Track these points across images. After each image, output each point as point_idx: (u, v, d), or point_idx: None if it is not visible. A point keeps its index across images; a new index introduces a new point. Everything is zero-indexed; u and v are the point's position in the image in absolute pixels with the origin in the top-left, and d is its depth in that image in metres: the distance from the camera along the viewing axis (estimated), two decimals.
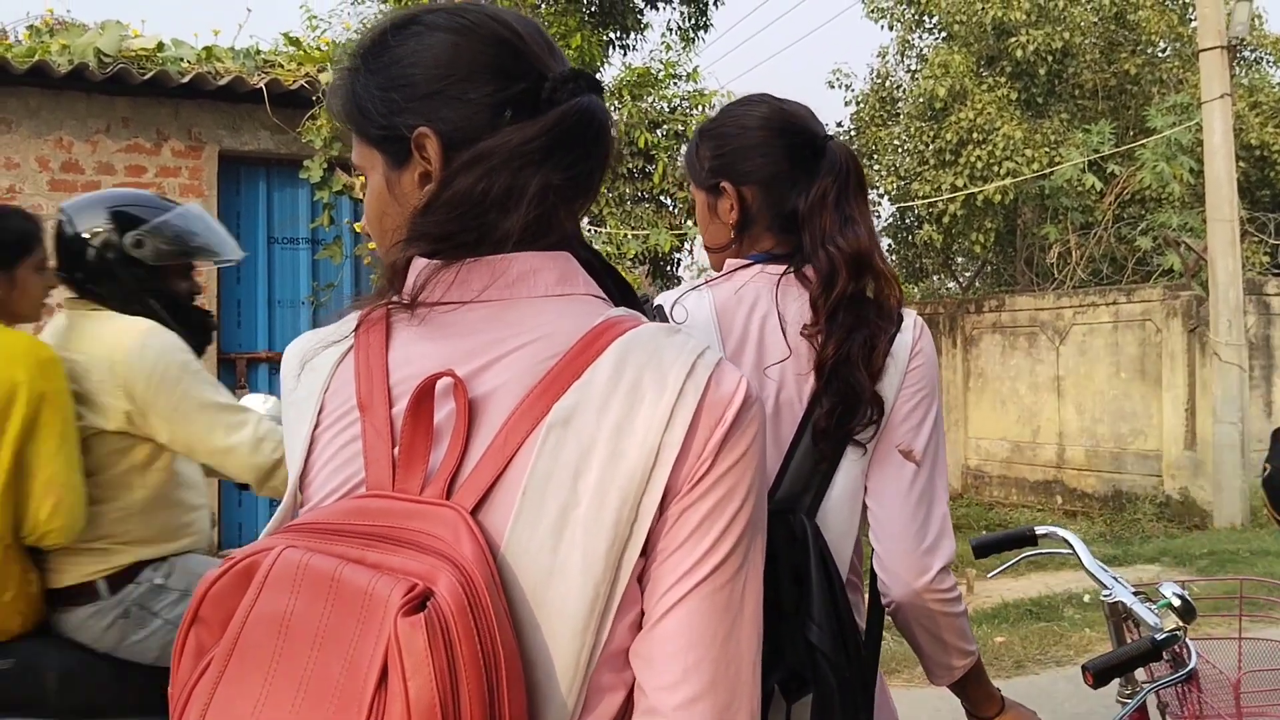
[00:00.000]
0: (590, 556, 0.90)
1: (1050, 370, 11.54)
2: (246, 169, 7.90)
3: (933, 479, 1.58)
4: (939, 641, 1.61)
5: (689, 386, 0.94)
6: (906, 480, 1.57)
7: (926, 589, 1.54)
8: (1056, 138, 14.98)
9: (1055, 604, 6.64)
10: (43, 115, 7.27)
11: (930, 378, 1.61)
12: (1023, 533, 2.41)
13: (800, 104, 1.73)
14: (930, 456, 1.58)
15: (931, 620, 1.58)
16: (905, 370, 1.59)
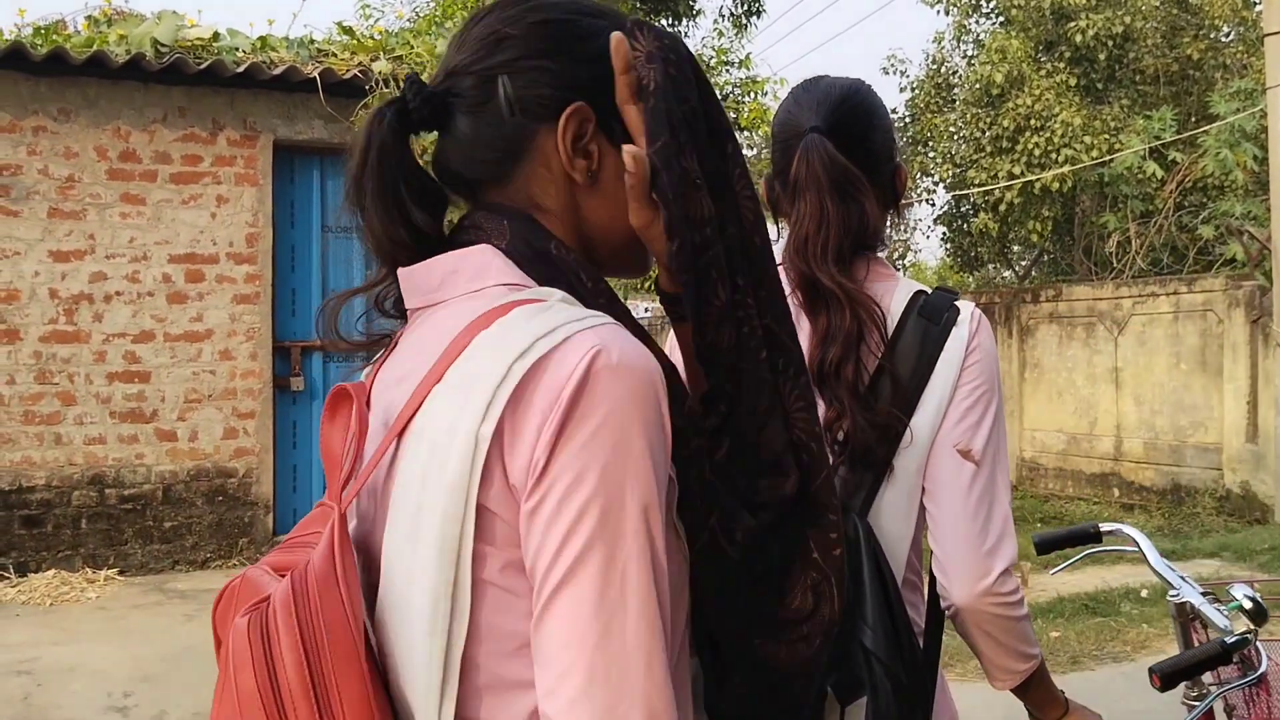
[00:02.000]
0: (427, 559, 0.89)
1: (1108, 361, 11.35)
2: (300, 158, 7.99)
3: (993, 478, 1.52)
4: (1000, 646, 1.56)
5: (514, 370, 0.88)
6: (965, 480, 1.52)
7: (987, 593, 1.50)
8: (1117, 124, 14.74)
9: (1112, 599, 6.55)
10: (101, 105, 7.39)
11: (989, 374, 1.56)
12: (1087, 529, 2.35)
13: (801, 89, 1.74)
14: (990, 455, 1.53)
15: (993, 625, 1.52)
16: (960, 367, 1.55)
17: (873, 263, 1.63)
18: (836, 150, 1.59)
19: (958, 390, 1.54)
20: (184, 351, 7.58)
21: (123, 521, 7.42)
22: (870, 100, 1.70)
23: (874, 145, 1.67)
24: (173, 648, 5.70)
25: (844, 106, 1.65)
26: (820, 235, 1.57)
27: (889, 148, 1.71)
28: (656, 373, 0.90)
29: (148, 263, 7.49)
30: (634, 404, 0.88)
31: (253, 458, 7.74)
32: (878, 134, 1.68)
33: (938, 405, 1.55)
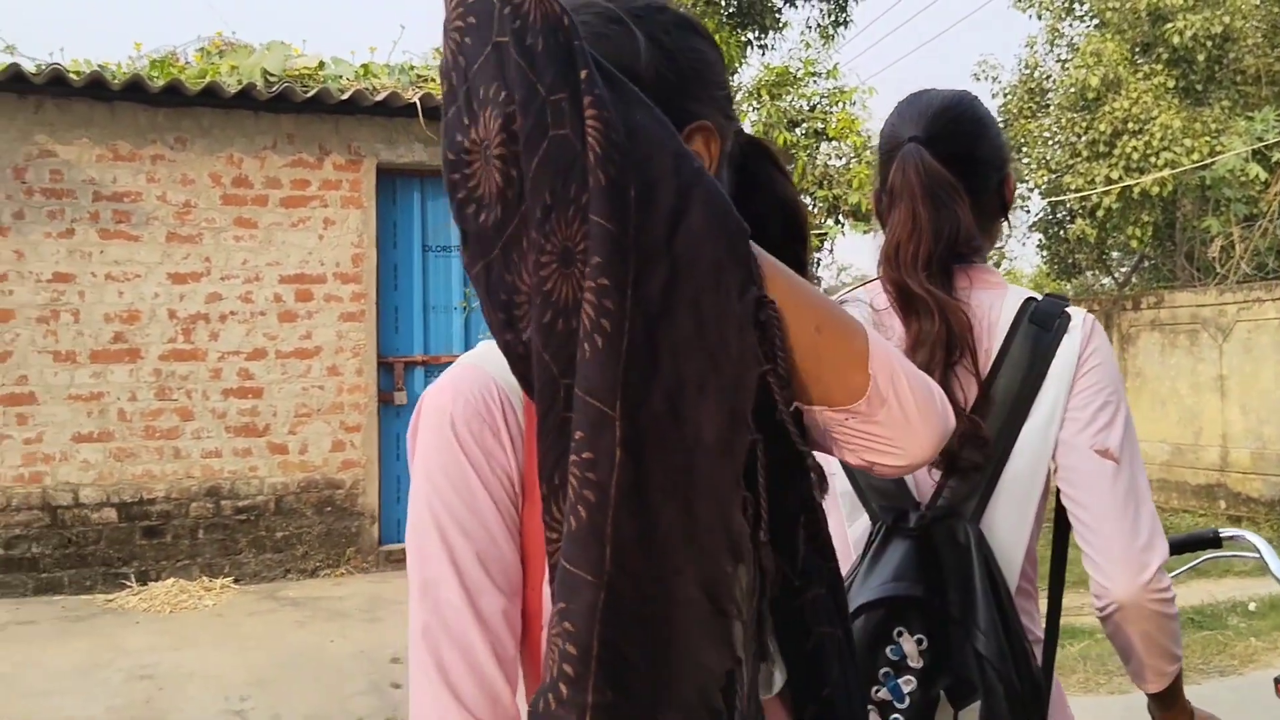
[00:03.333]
0: None
1: (1213, 369, 11.08)
2: (402, 180, 8.22)
3: (1135, 476, 1.52)
4: (1154, 645, 1.54)
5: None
6: (1109, 478, 1.51)
7: (1147, 587, 1.48)
8: (1218, 126, 14.36)
9: (1219, 612, 6.42)
10: (214, 133, 7.69)
11: (1110, 377, 1.56)
12: (1206, 534, 2.28)
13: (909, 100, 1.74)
14: (1129, 454, 1.52)
15: (1152, 621, 1.50)
16: (1075, 373, 1.55)
17: (977, 272, 1.63)
18: (935, 160, 1.60)
19: (1077, 396, 1.54)
20: (294, 368, 7.83)
21: (237, 532, 7.68)
22: (973, 110, 1.71)
23: (978, 154, 1.68)
24: (285, 653, 5.88)
25: (944, 117, 1.67)
26: (912, 243, 1.58)
27: (996, 157, 1.71)
28: (446, 407, 1.02)
29: (260, 283, 7.76)
30: (424, 436, 1.03)
31: (359, 469, 7.96)
32: (982, 143, 1.69)
33: (1049, 413, 1.55)
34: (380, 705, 5.08)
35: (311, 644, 6.08)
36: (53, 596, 7.17)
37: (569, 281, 0.88)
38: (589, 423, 0.86)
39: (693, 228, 0.89)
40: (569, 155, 0.87)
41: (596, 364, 0.86)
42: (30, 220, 7.30)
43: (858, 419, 1.00)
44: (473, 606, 0.99)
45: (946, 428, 1.04)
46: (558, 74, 0.87)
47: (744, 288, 0.92)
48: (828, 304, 1.01)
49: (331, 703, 5.10)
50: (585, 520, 0.86)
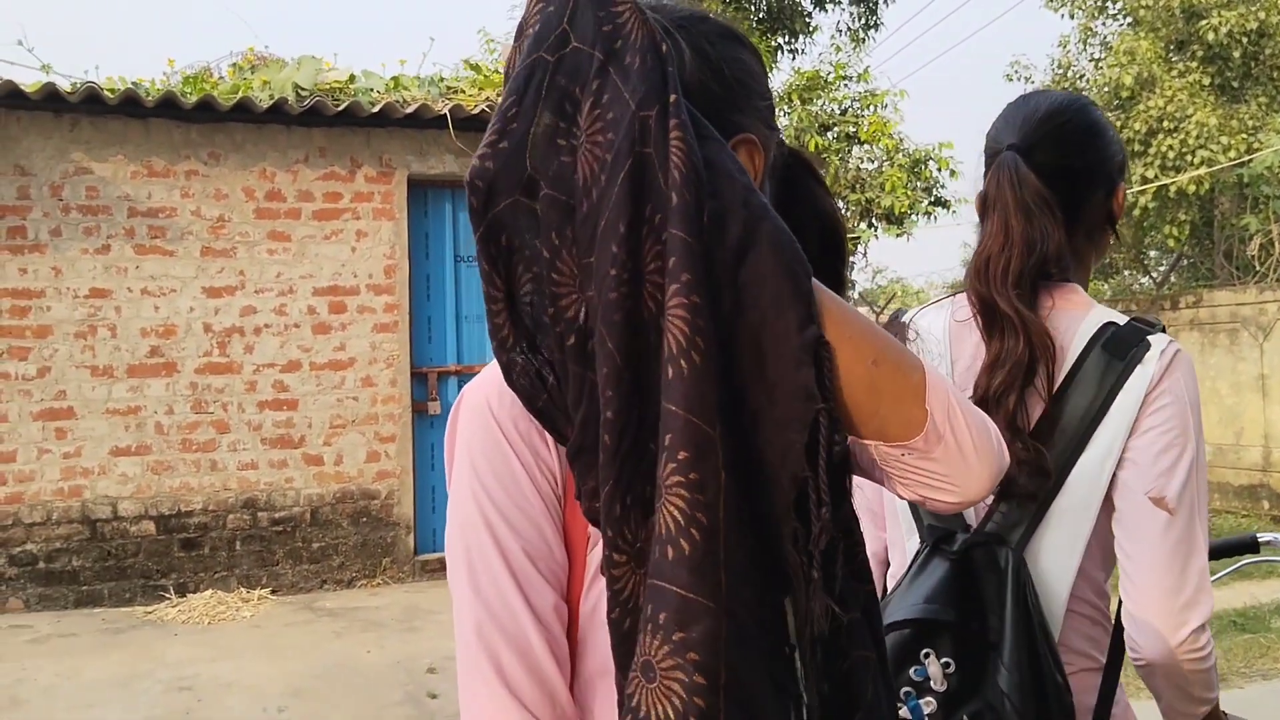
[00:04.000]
0: None
1: (1254, 368, 10.92)
2: (433, 191, 8.25)
3: (1191, 529, 1.45)
4: (1185, 695, 1.50)
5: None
6: (1159, 530, 1.45)
7: (1180, 648, 1.43)
8: (1255, 123, 14.18)
9: (1262, 615, 6.32)
10: (247, 148, 7.75)
11: (1181, 416, 1.48)
12: (1245, 539, 2.27)
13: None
14: (1188, 504, 1.45)
15: (1184, 678, 1.46)
16: (1140, 407, 1.48)
17: (1062, 292, 1.58)
18: (1034, 169, 1.55)
19: (1142, 436, 1.48)
20: (328, 380, 7.88)
21: (274, 543, 7.72)
22: (1081, 117, 1.63)
23: (1081, 165, 1.62)
24: (323, 664, 5.90)
25: (1047, 124, 1.61)
26: (1002, 256, 1.54)
27: (1103, 168, 1.64)
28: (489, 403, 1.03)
29: (294, 296, 7.82)
30: (467, 433, 1.03)
31: (394, 480, 8.00)
32: (1088, 153, 1.62)
33: (1108, 446, 1.49)
34: (417, 715, 5.09)
35: (348, 654, 6.10)
36: (93, 609, 7.25)
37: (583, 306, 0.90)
38: (693, 444, 0.85)
39: (759, 261, 0.90)
40: (650, 174, 0.88)
41: (695, 383, 0.85)
42: (67, 237, 7.39)
43: (914, 454, 0.99)
44: (528, 603, 0.99)
45: (1002, 465, 1.03)
46: (649, 92, 0.89)
47: (803, 325, 0.91)
48: (885, 338, 1.00)
49: (368, 713, 5.12)
50: (700, 544, 0.84)
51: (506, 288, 0.95)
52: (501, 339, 0.96)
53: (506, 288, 0.95)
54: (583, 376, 0.91)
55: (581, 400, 0.91)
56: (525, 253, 0.94)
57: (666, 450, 0.85)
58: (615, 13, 0.92)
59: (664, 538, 0.85)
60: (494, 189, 0.93)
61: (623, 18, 0.92)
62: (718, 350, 0.87)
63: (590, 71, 0.91)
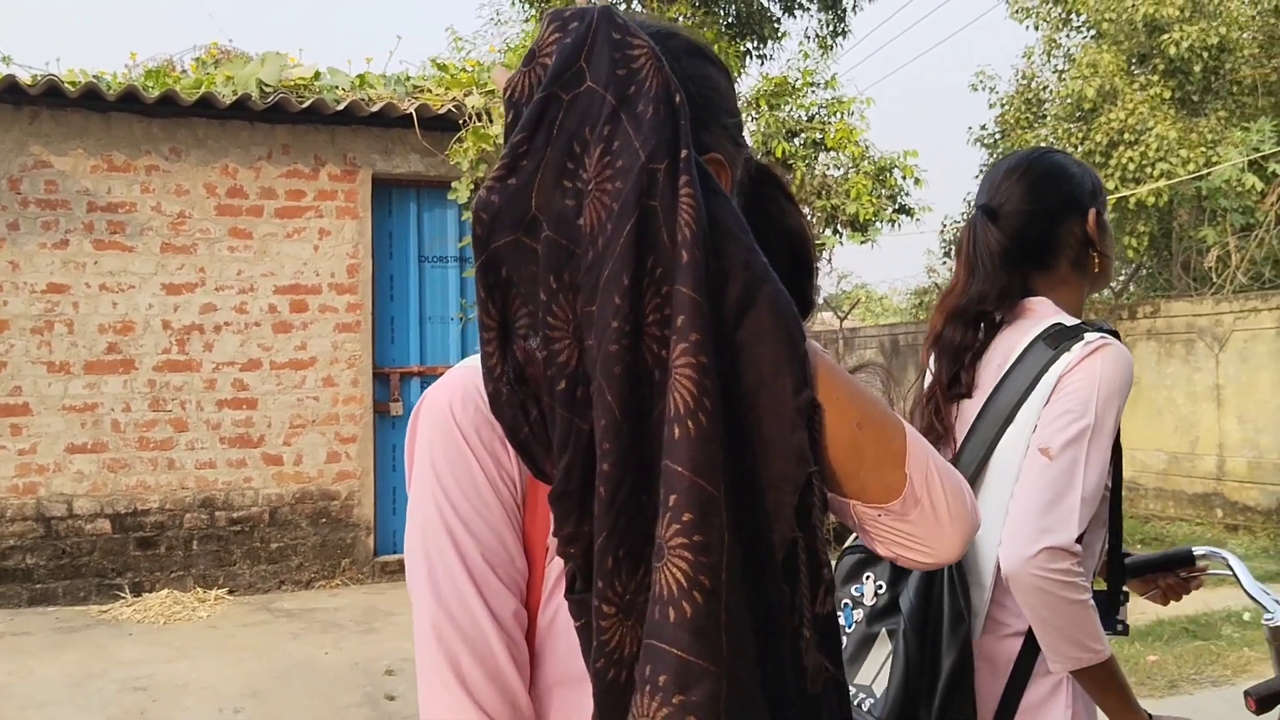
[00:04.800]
0: None
1: (1209, 379, 11.08)
2: (398, 191, 8.22)
3: (1069, 476, 1.64)
4: (1047, 624, 1.63)
5: None
6: (1038, 470, 1.66)
7: (1032, 560, 1.59)
8: (1214, 136, 14.38)
9: (1213, 622, 6.41)
10: (209, 145, 7.69)
11: (1087, 392, 1.69)
12: (1180, 553, 2.31)
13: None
14: (1069, 457, 1.65)
15: (1036, 597, 1.61)
16: (1054, 386, 1.72)
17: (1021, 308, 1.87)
18: (1005, 219, 1.88)
19: (1050, 407, 1.71)
20: (289, 379, 7.83)
21: (231, 543, 7.66)
22: (1038, 165, 1.91)
23: (1044, 205, 1.88)
24: (280, 665, 5.86)
25: (1009, 178, 1.91)
26: (951, 296, 1.91)
27: (1069, 200, 1.89)
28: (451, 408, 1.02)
29: (254, 294, 7.76)
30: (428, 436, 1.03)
31: (354, 481, 7.95)
32: (1049, 193, 1.89)
33: (1028, 418, 1.73)
34: (375, 717, 5.06)
35: (306, 655, 6.06)
36: (47, 608, 7.16)
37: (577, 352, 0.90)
38: (698, 505, 0.85)
39: (757, 322, 0.92)
40: (655, 228, 0.88)
41: (703, 444, 0.86)
42: (25, 231, 7.30)
43: (890, 516, 1.02)
44: (488, 608, 0.99)
45: (974, 527, 1.05)
46: (660, 144, 0.89)
47: (799, 388, 0.93)
48: (870, 400, 1.02)
49: (325, 714, 5.08)
50: (703, 606, 0.84)
51: (501, 318, 0.95)
52: (490, 367, 0.96)
53: (501, 318, 0.95)
54: (570, 422, 0.91)
55: (568, 446, 0.91)
56: (523, 289, 0.94)
57: (670, 510, 0.85)
58: (631, 55, 0.92)
59: (665, 599, 0.85)
60: (497, 224, 0.93)
61: (638, 61, 0.92)
62: (723, 411, 0.88)
63: (602, 116, 0.91)
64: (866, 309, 30.18)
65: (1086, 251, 1.90)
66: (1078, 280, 1.91)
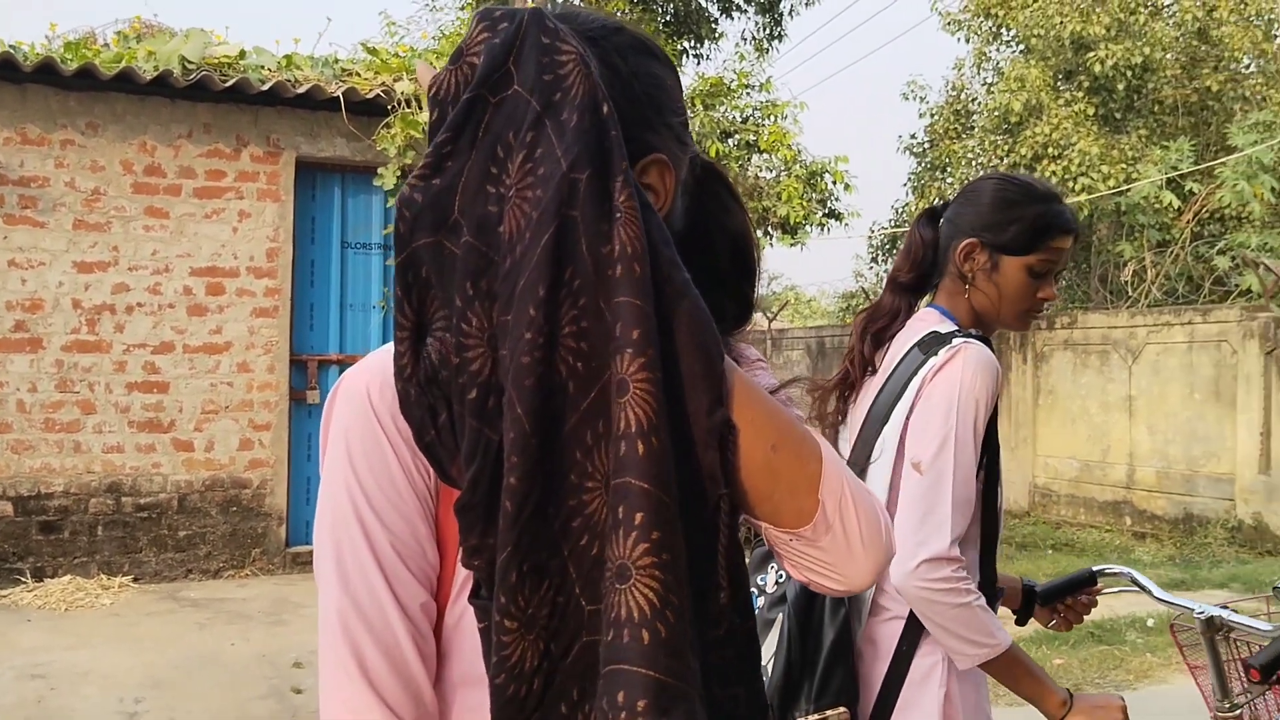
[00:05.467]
0: None
1: (1122, 389, 11.33)
2: (323, 175, 8.10)
3: (937, 486, 1.78)
4: (940, 628, 1.77)
5: None
6: (911, 485, 1.80)
7: (914, 574, 1.73)
8: (1134, 154, 14.74)
9: (1117, 627, 6.54)
10: (128, 120, 7.51)
11: (948, 399, 1.81)
12: (1084, 575, 2.36)
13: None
14: (937, 469, 1.78)
15: (925, 606, 1.75)
16: (919, 388, 1.86)
17: (914, 317, 2.02)
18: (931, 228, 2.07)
19: (916, 414, 1.85)
20: (202, 363, 7.67)
21: (138, 530, 7.49)
22: (974, 184, 2.06)
23: (950, 217, 2.04)
24: (184, 655, 5.75)
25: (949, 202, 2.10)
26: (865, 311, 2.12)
27: (962, 222, 2.00)
28: (369, 393, 1.00)
29: (169, 275, 7.59)
30: (344, 421, 1.00)
31: (267, 469, 7.82)
32: (956, 208, 2.03)
33: (900, 417, 1.88)
34: (280, 710, 4.97)
35: (211, 646, 5.95)
36: None
37: (490, 362, 0.88)
38: (665, 522, 0.85)
39: (676, 340, 0.90)
40: (574, 238, 0.86)
41: (661, 460, 0.85)
42: None
43: (802, 541, 0.99)
44: (396, 599, 0.97)
45: (888, 556, 1.04)
46: (583, 153, 0.88)
47: (713, 408, 0.91)
48: (787, 421, 0.99)
49: (230, 707, 4.99)
50: (675, 626, 0.84)
51: (416, 318, 0.93)
52: (401, 367, 0.94)
53: (416, 318, 0.93)
54: (480, 432, 0.88)
55: (475, 457, 0.89)
56: (441, 292, 0.92)
57: (637, 528, 0.84)
58: (559, 61, 0.90)
59: (636, 621, 0.83)
60: (419, 223, 0.91)
61: (565, 68, 0.90)
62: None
63: (526, 121, 0.89)
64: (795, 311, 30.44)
65: (954, 277, 2.00)
66: (964, 295, 1.99)
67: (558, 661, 0.88)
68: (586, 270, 0.87)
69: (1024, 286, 1.95)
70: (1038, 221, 1.93)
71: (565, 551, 0.87)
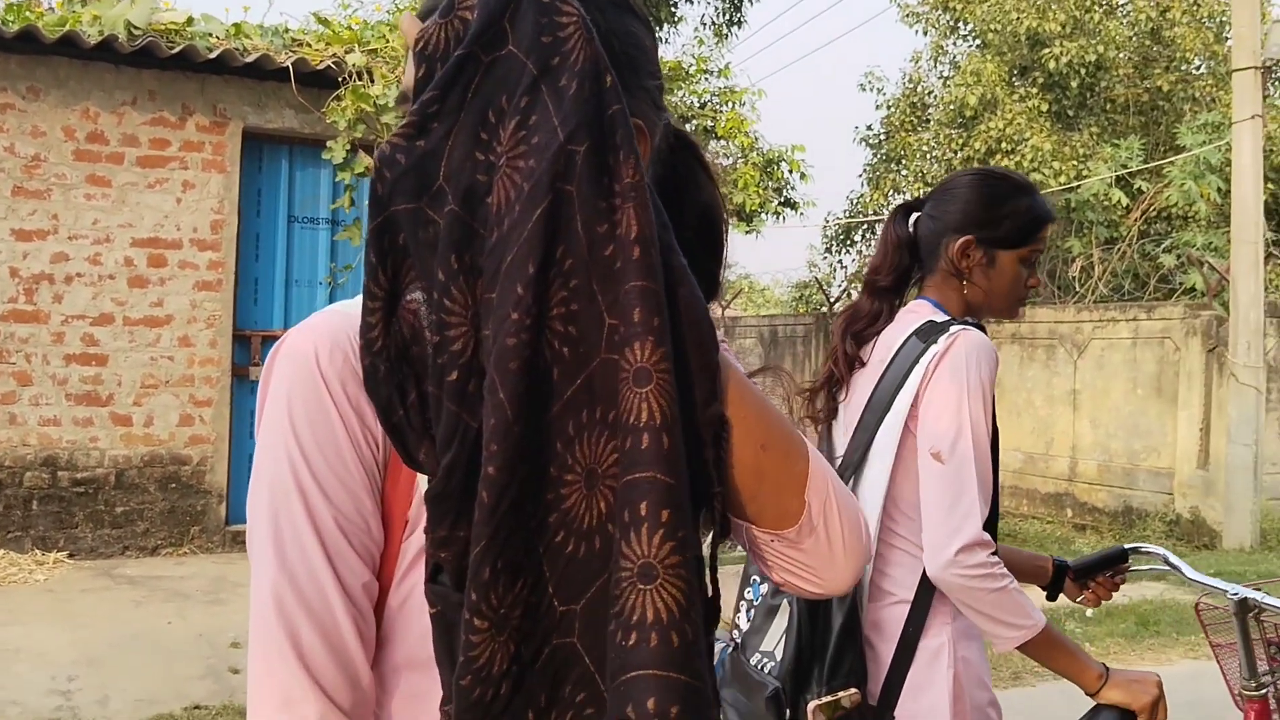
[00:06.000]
0: None
1: (1067, 383, 11.48)
2: (270, 147, 7.98)
3: (960, 474, 1.81)
4: (980, 614, 1.82)
5: None
6: (935, 476, 1.84)
7: (952, 563, 1.77)
8: (1085, 151, 14.91)
9: (1058, 618, 6.62)
10: (70, 85, 7.35)
11: (957, 386, 1.85)
12: (1115, 553, 2.42)
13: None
14: (958, 456, 1.82)
15: (964, 594, 1.80)
16: (923, 377, 1.90)
17: (902, 311, 2.08)
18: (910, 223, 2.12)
19: (924, 401, 1.89)
20: (143, 336, 7.53)
21: (74, 505, 7.36)
22: (954, 179, 2.11)
23: (930, 224, 2.07)
24: (119, 633, 5.66)
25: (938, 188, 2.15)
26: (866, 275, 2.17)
27: (940, 225, 2.04)
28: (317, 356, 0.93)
29: (110, 245, 7.44)
30: (287, 384, 0.93)
31: (208, 446, 7.70)
32: (936, 214, 2.06)
33: (904, 405, 1.91)
34: (218, 689, 4.90)
35: (148, 624, 5.87)
36: None
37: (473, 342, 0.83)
38: (687, 521, 0.82)
39: (678, 331, 0.86)
40: (569, 214, 0.81)
41: (679, 455, 0.82)
42: None
43: (784, 543, 0.97)
44: (337, 579, 0.91)
45: (867, 560, 1.02)
46: (581, 124, 0.82)
47: (708, 402, 0.88)
48: (778, 420, 0.96)
49: (165, 686, 4.91)
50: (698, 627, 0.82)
51: (390, 288, 0.87)
52: (370, 339, 0.87)
53: (390, 288, 0.87)
54: (458, 418, 0.83)
55: (452, 443, 0.83)
56: (419, 262, 0.86)
57: (664, 526, 0.80)
58: (559, 23, 0.84)
59: (664, 623, 0.80)
60: (400, 186, 0.85)
61: (566, 30, 0.84)
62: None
63: (522, 85, 0.83)
64: (749, 299, 30.53)
65: (946, 274, 2.05)
66: (957, 289, 2.04)
67: (527, 665, 0.83)
68: (580, 250, 0.81)
69: (1017, 278, 2.02)
70: (1029, 215, 2.01)
71: (540, 549, 0.83)
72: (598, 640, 0.83)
